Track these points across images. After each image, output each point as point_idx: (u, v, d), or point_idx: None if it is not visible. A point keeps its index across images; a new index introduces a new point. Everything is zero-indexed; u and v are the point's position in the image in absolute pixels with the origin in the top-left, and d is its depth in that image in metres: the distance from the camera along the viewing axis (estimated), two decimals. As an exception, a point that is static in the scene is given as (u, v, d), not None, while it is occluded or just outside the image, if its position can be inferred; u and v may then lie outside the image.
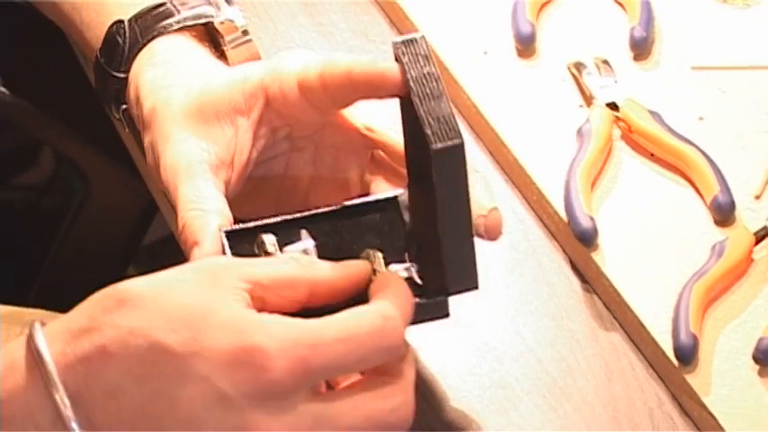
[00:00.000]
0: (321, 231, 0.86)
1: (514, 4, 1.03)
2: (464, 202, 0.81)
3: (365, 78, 0.84)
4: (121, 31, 0.91)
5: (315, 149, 0.90)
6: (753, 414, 0.84)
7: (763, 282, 0.90)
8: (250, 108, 0.86)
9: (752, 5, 1.04)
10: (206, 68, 0.90)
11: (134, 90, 0.90)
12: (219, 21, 0.92)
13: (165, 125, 0.87)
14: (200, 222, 0.83)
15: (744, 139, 0.97)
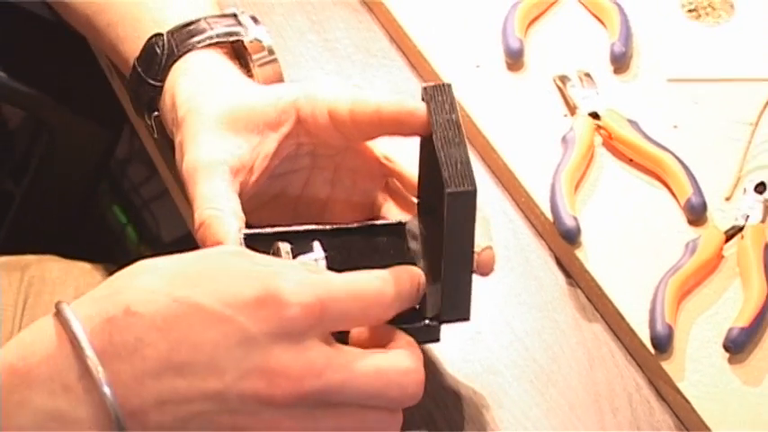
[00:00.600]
0: (331, 245, 0.85)
1: (504, 21, 1.04)
2: (469, 242, 0.81)
3: (393, 117, 0.84)
4: (160, 42, 0.91)
5: (335, 170, 0.90)
6: (723, 398, 0.84)
7: (733, 277, 0.90)
8: (281, 123, 0.86)
9: (721, 23, 1.05)
10: (239, 82, 0.90)
11: (170, 97, 0.90)
12: (249, 40, 0.92)
13: (194, 126, 0.86)
14: (221, 222, 0.83)
15: (715, 146, 0.97)
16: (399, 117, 0.84)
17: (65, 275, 1.12)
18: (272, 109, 0.86)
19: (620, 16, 1.03)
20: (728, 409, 0.84)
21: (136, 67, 0.92)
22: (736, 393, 0.85)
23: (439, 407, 0.87)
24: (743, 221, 0.92)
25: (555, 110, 1.00)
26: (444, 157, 0.80)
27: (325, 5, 1.08)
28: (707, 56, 1.03)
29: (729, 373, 0.86)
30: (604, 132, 0.98)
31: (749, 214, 0.92)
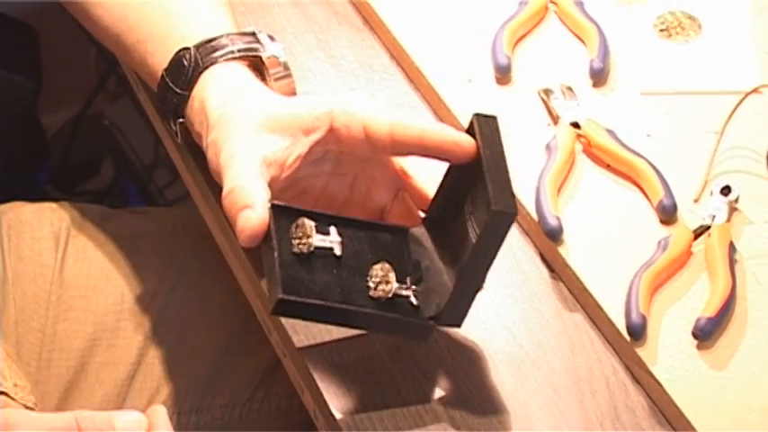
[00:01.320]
0: (345, 234, 0.86)
1: (494, 39, 1.04)
2: (491, 259, 0.82)
3: (438, 145, 0.84)
4: (187, 56, 0.91)
5: (354, 177, 0.90)
6: (692, 381, 0.85)
7: (701, 271, 0.91)
8: (313, 130, 0.86)
9: (690, 41, 1.05)
10: (266, 91, 0.91)
11: (199, 103, 0.90)
12: (266, 55, 0.93)
13: (231, 126, 0.87)
14: (250, 190, 0.84)
15: (684, 153, 0.97)
16: (444, 146, 0.84)
17: (38, 216, 1.13)
18: (307, 116, 0.87)
19: (598, 35, 1.03)
20: (697, 392, 0.84)
21: (164, 78, 0.92)
22: (704, 377, 0.85)
23: (435, 388, 0.87)
24: (710, 221, 0.92)
25: (539, 120, 1.00)
26: (491, 182, 0.81)
27: (332, 25, 1.08)
28: (677, 71, 1.03)
29: (698, 358, 0.86)
30: (584, 140, 0.98)
31: (715, 215, 0.92)
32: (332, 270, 0.84)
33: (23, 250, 1.10)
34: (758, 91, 1.00)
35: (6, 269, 1.08)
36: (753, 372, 0.85)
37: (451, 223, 0.86)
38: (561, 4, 1.06)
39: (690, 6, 1.07)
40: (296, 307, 0.82)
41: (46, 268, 1.09)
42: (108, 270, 1.10)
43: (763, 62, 1.02)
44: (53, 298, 1.08)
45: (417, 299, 0.85)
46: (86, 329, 1.07)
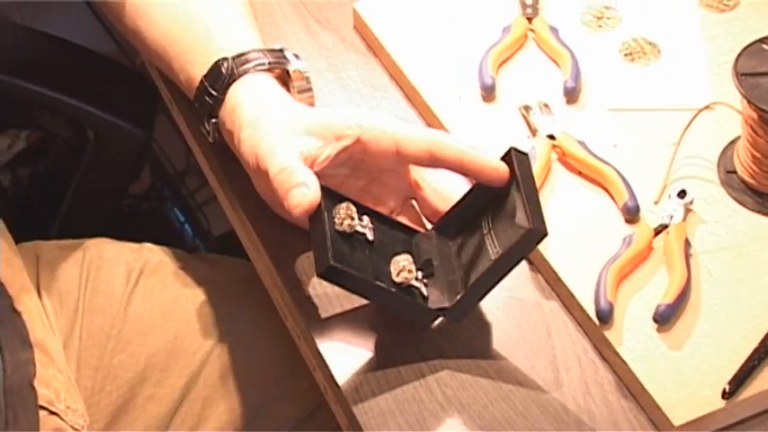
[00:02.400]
0: (374, 224, 0.87)
1: (480, 62, 1.04)
2: (509, 270, 0.84)
3: (477, 168, 0.85)
4: (224, 65, 0.91)
5: (368, 182, 0.91)
6: (652, 359, 0.85)
7: (660, 264, 0.90)
8: (343, 136, 0.87)
9: (651, 64, 1.05)
10: (297, 102, 0.91)
11: (232, 105, 0.91)
12: (292, 69, 0.93)
13: (269, 124, 0.87)
14: (303, 171, 0.84)
15: (646, 161, 0.97)
16: (484, 170, 0.85)
17: (118, 254, 1.11)
18: (338, 124, 0.87)
19: (571, 59, 1.03)
20: (657, 368, 0.84)
21: (203, 82, 0.93)
22: (663, 356, 0.85)
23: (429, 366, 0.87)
24: (668, 221, 0.92)
25: (520, 132, 1.00)
26: (529, 204, 0.83)
27: (339, 51, 1.08)
28: (640, 90, 1.03)
29: (657, 340, 0.86)
30: (559, 150, 0.98)
31: (673, 215, 0.92)
32: (365, 251, 0.85)
33: (99, 284, 1.08)
34: (710, 108, 1.00)
35: (80, 300, 1.07)
36: (705, 351, 0.85)
37: (466, 235, 0.88)
38: (539, 32, 1.06)
39: (650, 34, 1.06)
40: (340, 275, 0.82)
41: (114, 303, 1.07)
42: (168, 311, 1.08)
43: (713, 83, 1.02)
44: (114, 332, 1.06)
45: (427, 293, 0.85)
46: (139, 364, 1.05)
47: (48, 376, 0.99)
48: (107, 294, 1.08)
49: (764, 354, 0.84)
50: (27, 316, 1.01)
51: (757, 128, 0.92)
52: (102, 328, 1.06)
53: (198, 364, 1.05)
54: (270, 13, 1.11)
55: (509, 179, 0.85)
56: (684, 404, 0.82)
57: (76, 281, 1.08)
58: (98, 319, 1.06)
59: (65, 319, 1.06)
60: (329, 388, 0.88)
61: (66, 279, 1.08)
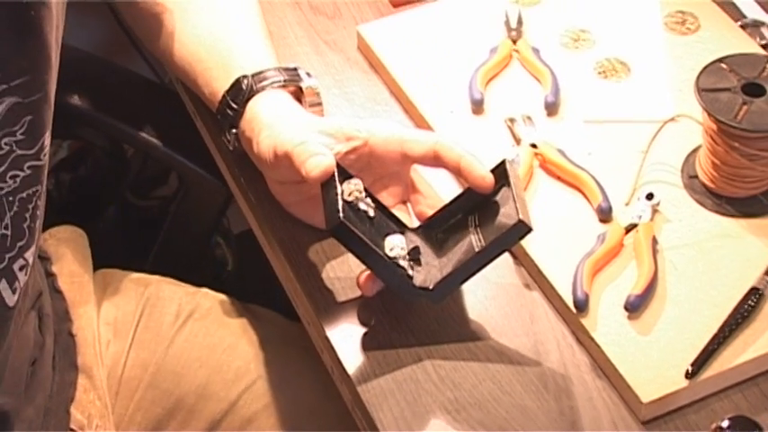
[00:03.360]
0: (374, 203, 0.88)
1: (470, 79, 1.03)
2: (493, 259, 0.84)
3: (470, 171, 0.85)
4: (245, 81, 0.91)
5: (372, 182, 0.90)
6: (623, 343, 0.85)
7: (630, 259, 0.90)
8: (354, 138, 0.87)
9: (621, 81, 1.04)
10: (307, 113, 0.91)
11: (251, 114, 0.90)
12: (305, 86, 0.93)
13: (287, 125, 0.88)
14: (320, 145, 0.84)
15: (618, 167, 0.97)
16: (473, 175, 0.86)
17: (173, 295, 1.08)
18: (350, 127, 0.87)
19: (551, 76, 1.03)
20: (627, 351, 0.84)
21: (225, 97, 0.93)
22: (633, 340, 0.85)
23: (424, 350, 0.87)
24: (637, 220, 0.92)
25: (506, 142, 0.99)
26: (519, 204, 0.83)
27: (345, 69, 1.08)
28: (612, 104, 1.03)
29: (628, 326, 0.86)
30: (540, 158, 0.97)
31: (641, 215, 0.92)
32: (366, 224, 0.85)
33: (150, 321, 1.05)
34: (674, 120, 1.00)
35: (132, 333, 1.04)
36: (670, 336, 0.85)
37: (452, 232, 0.88)
38: (522, 52, 1.06)
39: (621, 54, 1.06)
40: (348, 233, 0.82)
41: (159, 341, 1.04)
42: (204, 357, 1.04)
43: (677, 97, 1.02)
44: (153, 369, 1.03)
45: (413, 274, 0.85)
46: (169, 403, 1.02)
47: (86, 401, 0.97)
48: (155, 332, 1.04)
49: (723, 338, 0.84)
50: (81, 341, 1.00)
51: (716, 137, 0.91)
52: (145, 362, 1.03)
53: (221, 413, 1.02)
54: (284, 36, 1.11)
55: (495, 187, 0.86)
56: (652, 383, 0.82)
57: (133, 314, 1.05)
58: (143, 353, 1.03)
59: (116, 347, 1.03)
60: (335, 368, 0.88)
61: (125, 311, 1.05)
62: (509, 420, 0.82)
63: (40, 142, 0.81)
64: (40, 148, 0.81)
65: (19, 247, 0.82)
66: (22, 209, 0.81)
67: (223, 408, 1.02)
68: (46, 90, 0.80)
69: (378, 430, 0.82)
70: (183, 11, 0.97)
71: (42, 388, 0.93)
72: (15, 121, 0.78)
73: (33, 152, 0.81)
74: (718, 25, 1.08)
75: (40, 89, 0.79)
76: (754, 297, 0.86)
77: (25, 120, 0.79)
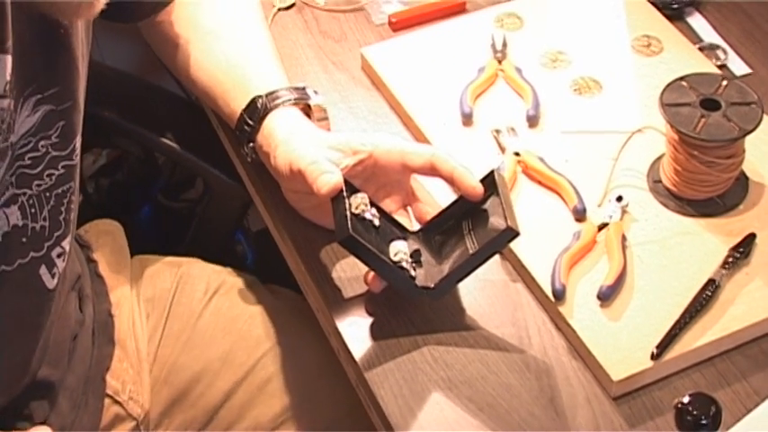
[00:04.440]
0: (378, 214, 0.87)
1: (461, 95, 1.03)
2: (486, 260, 0.84)
3: (461, 182, 0.85)
4: (259, 101, 0.91)
5: (376, 190, 0.90)
6: (596, 329, 0.84)
7: (602, 254, 0.90)
8: (360, 152, 0.87)
9: (594, 96, 1.04)
10: (316, 128, 0.91)
11: (267, 130, 0.90)
12: (313, 103, 0.93)
13: (301, 142, 0.87)
14: (330, 164, 0.84)
15: (591, 173, 0.96)
16: (464, 185, 0.86)
17: (202, 273, 1.09)
18: (356, 142, 0.87)
19: (532, 93, 1.03)
20: (599, 335, 0.84)
21: (243, 115, 0.92)
22: (604, 326, 0.85)
23: (421, 335, 0.86)
24: (608, 220, 0.92)
25: (492, 150, 0.99)
26: (507, 211, 0.83)
27: (350, 86, 1.08)
28: (586, 117, 1.02)
29: (600, 314, 0.85)
30: (523, 164, 0.97)
31: (612, 215, 0.92)
32: (371, 233, 0.85)
33: (183, 297, 1.06)
34: (641, 131, 0.99)
35: (168, 308, 1.05)
36: (637, 322, 0.85)
37: (448, 235, 0.88)
38: (506, 71, 1.06)
39: (594, 73, 1.06)
40: (356, 244, 0.82)
41: (191, 314, 1.05)
42: (228, 327, 1.05)
43: (643, 111, 1.02)
44: (184, 337, 1.04)
45: (415, 274, 0.85)
46: (197, 367, 1.03)
47: (120, 370, 0.99)
48: (187, 306, 1.05)
49: (684, 324, 0.84)
50: (118, 319, 1.01)
51: (678, 147, 0.91)
52: (178, 332, 1.04)
53: (242, 374, 1.02)
54: (296, 57, 1.10)
55: (484, 195, 0.86)
56: (621, 364, 0.82)
57: (168, 291, 1.06)
58: (176, 324, 1.04)
59: (154, 321, 1.04)
60: (341, 351, 0.88)
61: (162, 288, 1.06)
62: (495, 397, 0.82)
63: (72, 144, 0.82)
64: (72, 149, 0.82)
65: (56, 236, 0.83)
66: (58, 203, 0.82)
67: (244, 371, 1.03)
68: (75, 98, 0.81)
69: (379, 406, 0.82)
70: (201, 41, 0.97)
71: (82, 360, 0.94)
72: (50, 126, 0.79)
73: (66, 153, 0.82)
74: (679, 48, 1.08)
75: (70, 97, 0.80)
76: (711, 287, 0.86)
77: (59, 125, 0.80)
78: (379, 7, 1.15)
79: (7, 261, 0.79)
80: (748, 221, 0.92)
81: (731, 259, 0.88)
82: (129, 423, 0.98)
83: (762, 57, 1.08)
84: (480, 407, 0.81)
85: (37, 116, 0.78)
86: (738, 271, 0.88)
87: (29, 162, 0.79)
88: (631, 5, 1.12)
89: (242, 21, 0.99)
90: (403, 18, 1.12)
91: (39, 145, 0.79)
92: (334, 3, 1.16)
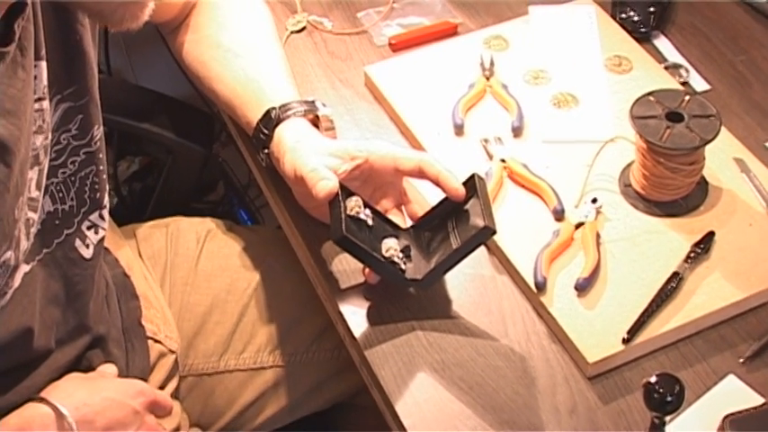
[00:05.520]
0: (372, 214, 0.86)
1: (453, 107, 1.02)
2: (464, 257, 0.83)
3: (446, 184, 0.85)
4: (273, 112, 0.91)
5: (372, 191, 0.90)
6: (573, 316, 0.84)
7: (579, 250, 0.90)
8: (357, 157, 0.87)
9: (571, 109, 1.03)
10: (323, 136, 0.91)
11: (278, 138, 0.90)
12: (321, 114, 0.93)
13: (305, 149, 0.87)
14: (327, 171, 0.85)
15: (569, 178, 0.96)
16: (449, 186, 0.85)
17: (189, 226, 1.12)
18: (354, 149, 0.87)
19: (516, 106, 1.02)
20: (576, 322, 0.84)
21: (258, 124, 0.92)
22: (581, 314, 0.84)
23: (417, 322, 0.86)
24: (584, 219, 0.91)
25: (481, 158, 0.99)
26: (485, 212, 0.82)
27: (355, 100, 1.07)
28: (564, 128, 1.02)
29: (577, 303, 0.85)
30: (508, 170, 0.96)
31: (588, 215, 0.91)
32: (365, 232, 0.85)
33: (178, 248, 1.08)
34: (613, 140, 0.99)
35: (167, 261, 1.08)
36: (610, 311, 0.84)
37: (435, 232, 0.87)
38: (494, 87, 1.05)
39: (571, 89, 1.05)
40: (350, 244, 0.82)
41: (188, 260, 1.08)
42: (224, 264, 1.07)
43: (615, 123, 1.01)
44: (189, 280, 1.06)
45: (405, 267, 0.84)
46: (207, 301, 1.05)
47: (150, 316, 1.01)
48: (183, 255, 1.08)
49: (651, 312, 0.84)
50: (134, 278, 1.02)
51: (646, 154, 0.91)
52: (182, 278, 1.06)
53: (247, 298, 1.05)
54: (306, 74, 1.10)
55: (467, 196, 0.86)
56: (596, 347, 0.82)
57: (164, 247, 1.09)
58: (179, 272, 1.07)
59: (157, 274, 1.07)
60: (347, 336, 0.87)
61: (157, 247, 1.09)
62: (483, 377, 0.82)
63: (91, 133, 0.84)
64: (91, 137, 0.84)
65: (83, 212, 0.86)
66: (82, 185, 0.84)
67: (249, 294, 1.05)
68: (91, 94, 0.83)
69: (381, 385, 0.81)
70: (223, 58, 0.97)
71: (116, 316, 0.97)
72: (69, 120, 0.81)
73: (86, 141, 0.84)
74: (646, 66, 1.07)
75: (86, 94, 0.82)
76: (676, 279, 0.86)
77: (77, 118, 0.82)
78: (380, 30, 1.14)
79: (47, 244, 0.82)
80: (708, 221, 0.91)
81: (693, 254, 0.88)
82: (170, 357, 1.01)
83: (719, 75, 1.07)
84: (470, 386, 0.81)
85: (58, 113, 0.81)
86: (699, 265, 0.87)
87: (54, 155, 0.81)
88: (604, 29, 1.11)
89: (259, 41, 0.99)
90: (401, 40, 1.12)
91: (61, 138, 0.82)
92: (341, 26, 1.15)
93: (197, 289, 1.06)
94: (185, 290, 1.06)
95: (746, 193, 0.93)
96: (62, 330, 0.86)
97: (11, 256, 0.75)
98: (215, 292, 1.06)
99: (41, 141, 0.77)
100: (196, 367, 1.04)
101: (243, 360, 1.03)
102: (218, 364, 1.03)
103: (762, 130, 1.01)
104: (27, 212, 0.77)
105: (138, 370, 0.95)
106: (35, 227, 0.79)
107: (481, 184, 0.86)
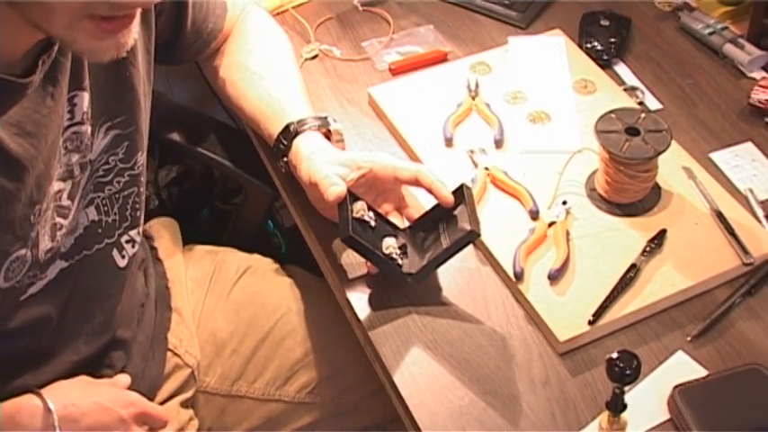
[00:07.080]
0: (374, 217, 0.86)
1: (444, 123, 1.02)
2: (455, 252, 0.82)
3: (437, 192, 0.85)
4: (291, 127, 0.90)
5: (375, 196, 0.90)
6: (547, 301, 0.84)
7: (551, 245, 0.89)
8: (362, 167, 0.87)
9: (545, 125, 1.03)
10: (335, 148, 0.90)
11: (295, 148, 0.89)
12: (333, 128, 0.92)
13: (319, 160, 0.87)
14: (337, 178, 0.84)
15: (543, 183, 0.95)
16: (440, 194, 0.85)
17: (235, 258, 1.09)
18: (360, 159, 0.87)
19: (498, 121, 1.02)
20: (549, 308, 0.83)
21: (279, 137, 0.92)
22: (553, 300, 0.84)
23: (414, 307, 0.85)
24: (556, 218, 0.91)
25: (468, 166, 0.98)
26: (471, 217, 0.82)
27: (360, 117, 1.07)
28: (539, 140, 1.01)
29: (550, 291, 0.85)
30: (491, 177, 0.96)
31: (559, 215, 0.91)
32: (368, 232, 0.84)
33: (219, 276, 1.06)
34: (581, 151, 0.98)
35: (207, 285, 1.05)
36: (578, 297, 0.84)
37: (428, 233, 0.87)
38: (478, 106, 1.05)
39: (545, 107, 1.05)
40: (356, 243, 0.82)
41: (224, 290, 1.05)
42: (251, 299, 1.04)
43: (582, 137, 1.01)
44: (219, 307, 1.03)
45: (402, 263, 0.84)
46: (229, 329, 1.02)
47: (178, 330, 0.99)
48: (221, 283, 1.05)
49: (613, 298, 0.83)
50: (174, 292, 1.01)
51: (609, 163, 0.90)
52: (214, 304, 1.04)
53: (263, 334, 1.02)
54: (318, 94, 1.09)
55: (456, 203, 0.85)
56: (566, 328, 0.81)
57: (208, 273, 1.06)
58: (213, 298, 1.04)
59: (197, 296, 1.04)
60: (353, 318, 0.87)
61: (204, 271, 1.06)
62: (470, 354, 0.81)
63: (134, 159, 0.84)
64: (135, 162, 0.84)
65: (124, 227, 0.85)
66: (125, 203, 0.84)
67: (265, 331, 1.02)
68: (138, 124, 0.83)
69: (382, 361, 0.81)
70: (249, 79, 0.97)
71: (149, 323, 0.95)
72: (117, 145, 0.82)
73: (130, 165, 0.84)
74: (608, 89, 1.07)
75: (133, 124, 0.82)
76: (633, 270, 0.85)
77: (124, 144, 0.82)
78: (381, 57, 1.14)
79: (87, 247, 0.82)
80: (661, 220, 0.91)
81: (648, 249, 0.87)
82: (185, 370, 0.98)
83: (669, 96, 1.07)
84: (458, 361, 0.81)
85: (107, 138, 0.80)
86: (654, 257, 0.87)
87: (102, 173, 0.81)
88: (572, 56, 1.11)
89: (280, 65, 0.99)
90: (400, 65, 1.12)
91: (109, 159, 0.81)
92: (348, 54, 1.15)
93: (224, 316, 1.03)
94: (214, 315, 1.03)
95: (693, 197, 0.93)
96: (86, 325, 0.83)
97: (26, 254, 0.74)
98: (237, 323, 1.02)
99: (77, 159, 0.77)
100: (213, 386, 1.00)
101: (254, 389, 1.00)
102: (231, 388, 1.00)
103: (706, 143, 1.01)
104: (55, 218, 0.76)
105: (150, 379, 0.93)
106: (63, 230, 0.78)
107: (468, 193, 0.86)
